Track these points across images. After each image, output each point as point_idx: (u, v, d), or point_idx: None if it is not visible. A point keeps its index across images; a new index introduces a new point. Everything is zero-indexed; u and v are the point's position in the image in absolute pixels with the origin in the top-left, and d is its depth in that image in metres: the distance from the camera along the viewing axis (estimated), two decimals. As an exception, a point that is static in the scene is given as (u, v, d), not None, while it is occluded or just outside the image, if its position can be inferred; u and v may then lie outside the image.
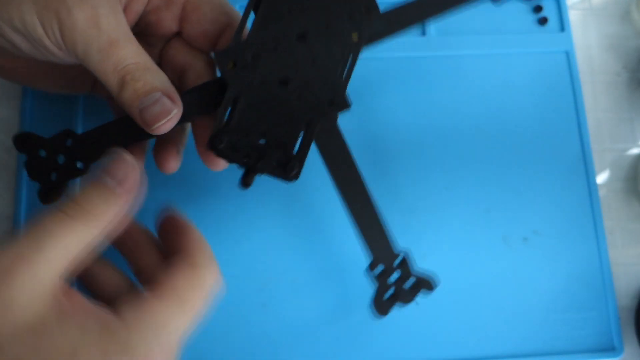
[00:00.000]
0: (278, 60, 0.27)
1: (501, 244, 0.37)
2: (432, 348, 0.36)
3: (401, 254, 0.31)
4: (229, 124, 0.27)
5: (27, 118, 0.37)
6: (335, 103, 0.28)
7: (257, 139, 0.27)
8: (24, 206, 0.36)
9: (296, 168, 0.27)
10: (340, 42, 0.28)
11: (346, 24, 0.28)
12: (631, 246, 0.39)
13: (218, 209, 0.37)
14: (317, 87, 0.28)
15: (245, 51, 0.27)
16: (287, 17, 0.27)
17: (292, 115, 0.27)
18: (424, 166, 0.38)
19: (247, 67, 0.27)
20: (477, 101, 0.40)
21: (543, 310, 0.36)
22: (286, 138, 0.27)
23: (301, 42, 0.27)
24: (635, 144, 0.40)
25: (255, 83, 0.27)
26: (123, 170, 0.25)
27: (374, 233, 0.31)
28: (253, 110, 0.27)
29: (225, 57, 0.27)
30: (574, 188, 0.39)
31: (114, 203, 0.24)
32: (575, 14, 0.42)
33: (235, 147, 0.27)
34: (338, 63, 0.28)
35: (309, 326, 0.35)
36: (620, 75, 0.42)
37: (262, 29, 0.27)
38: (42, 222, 0.23)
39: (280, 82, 0.27)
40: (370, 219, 0.31)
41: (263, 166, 0.27)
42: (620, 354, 0.36)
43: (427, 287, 0.31)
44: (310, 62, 0.27)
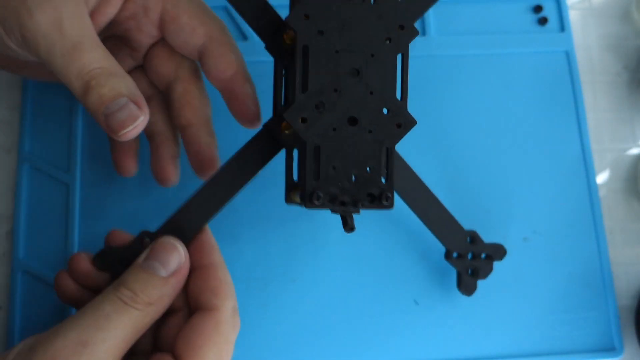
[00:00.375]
0: (340, 103, 0.28)
1: (501, 244, 0.37)
2: (432, 348, 0.36)
3: (470, 233, 0.35)
4: (318, 177, 0.28)
5: (27, 118, 0.37)
6: (402, 125, 0.29)
7: (346, 182, 0.28)
8: (24, 206, 0.36)
9: (390, 198, 0.28)
10: (388, 66, 0.29)
11: (388, 47, 0.29)
12: (631, 246, 0.39)
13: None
14: (382, 115, 0.29)
15: (310, 104, 0.28)
16: (335, 58, 0.28)
17: (370, 149, 0.28)
18: (423, 166, 0.38)
19: (316, 118, 0.28)
20: (477, 101, 0.40)
21: (543, 310, 0.36)
22: (371, 172, 0.28)
23: (355, 78, 0.28)
24: (636, 144, 0.40)
25: (328, 130, 0.28)
26: (177, 260, 0.27)
27: (441, 226, 0.34)
28: (335, 156, 0.28)
29: (295, 116, 0.28)
30: (574, 188, 0.39)
31: (166, 293, 0.26)
32: (575, 14, 0.42)
33: (332, 198, 0.28)
34: (392, 86, 0.29)
35: (309, 326, 0.35)
36: (621, 75, 0.42)
37: (317, 76, 0.28)
38: (101, 308, 0.25)
39: (350, 122, 0.28)
40: (435, 214, 0.34)
41: (361, 207, 0.28)
42: (620, 354, 0.36)
43: (499, 255, 0.35)
44: (369, 94, 0.28)
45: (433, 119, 0.39)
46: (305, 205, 0.28)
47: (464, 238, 0.34)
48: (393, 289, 0.36)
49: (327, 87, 0.28)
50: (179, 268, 0.27)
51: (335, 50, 0.28)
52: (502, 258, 0.35)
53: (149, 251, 0.27)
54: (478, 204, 0.38)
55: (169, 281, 0.26)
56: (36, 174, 0.37)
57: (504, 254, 0.35)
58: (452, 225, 0.34)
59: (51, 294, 0.35)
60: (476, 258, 0.35)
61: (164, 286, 0.26)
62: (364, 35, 0.28)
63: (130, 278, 0.26)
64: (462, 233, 0.34)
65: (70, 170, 0.37)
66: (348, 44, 0.28)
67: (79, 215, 0.36)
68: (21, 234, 0.36)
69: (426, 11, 0.33)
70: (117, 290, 0.26)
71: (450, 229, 0.34)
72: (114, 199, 0.36)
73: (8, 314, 0.35)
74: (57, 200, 0.36)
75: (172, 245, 0.27)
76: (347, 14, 0.28)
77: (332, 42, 0.28)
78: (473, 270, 0.35)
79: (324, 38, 0.28)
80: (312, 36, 0.28)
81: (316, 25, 0.28)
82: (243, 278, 0.36)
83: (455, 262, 0.34)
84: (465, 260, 0.34)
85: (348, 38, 0.28)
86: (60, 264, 0.35)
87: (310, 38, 0.28)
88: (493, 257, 0.35)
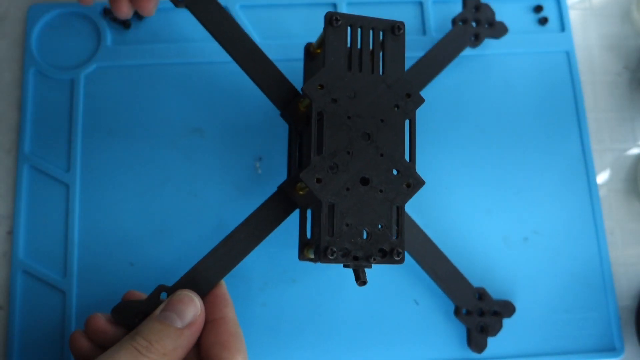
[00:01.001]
0: (353, 164, 0.30)
1: (501, 244, 0.37)
2: (432, 348, 0.36)
3: (478, 290, 0.35)
4: (332, 234, 0.29)
5: (27, 118, 0.37)
6: (411, 184, 0.31)
7: (359, 238, 0.29)
8: (24, 206, 0.36)
9: (401, 253, 0.29)
10: (397, 130, 0.31)
11: (396, 114, 0.31)
12: (632, 246, 0.38)
13: (218, 208, 0.37)
14: (392, 176, 0.30)
15: (325, 165, 0.30)
16: (348, 123, 0.30)
17: (381, 207, 0.30)
18: (423, 166, 0.38)
19: (330, 179, 0.30)
20: (477, 101, 0.40)
21: (543, 311, 0.36)
22: (383, 228, 0.30)
23: (366, 141, 0.30)
24: (636, 143, 0.40)
25: (342, 190, 0.30)
26: (192, 312, 0.28)
27: (450, 283, 0.34)
28: (348, 214, 0.29)
29: (310, 177, 0.29)
30: (574, 188, 0.39)
31: (181, 344, 0.27)
32: (575, 14, 0.42)
33: (345, 253, 0.29)
34: (401, 149, 0.31)
35: (309, 326, 0.35)
36: (621, 75, 0.42)
37: (331, 140, 0.30)
38: (116, 357, 0.26)
39: (362, 182, 0.30)
40: (444, 272, 0.34)
41: (373, 261, 0.29)
42: (620, 354, 0.36)
43: (508, 312, 0.35)
44: (379, 156, 0.30)
45: (433, 119, 0.39)
46: (320, 260, 0.29)
47: (473, 295, 0.35)
48: (393, 289, 0.36)
49: (340, 149, 0.30)
50: (194, 320, 0.28)
51: (348, 116, 0.30)
52: (511, 315, 0.35)
53: (166, 303, 0.28)
54: (478, 204, 0.38)
55: (184, 333, 0.27)
56: (36, 174, 0.37)
57: (513, 310, 0.35)
58: (461, 282, 0.35)
59: (51, 294, 0.35)
60: (485, 314, 0.35)
61: (178, 338, 0.27)
62: (374, 103, 0.31)
63: (147, 328, 0.27)
64: (470, 290, 0.35)
65: (70, 170, 0.37)
66: (359, 110, 0.30)
67: (79, 216, 0.36)
68: (21, 234, 0.36)
69: (430, 81, 0.36)
70: (133, 339, 0.26)
71: (459, 285, 0.35)
72: (114, 199, 0.36)
73: (8, 314, 0.35)
74: (57, 201, 0.36)
75: (189, 298, 0.28)
76: (358, 83, 0.31)
77: (345, 109, 0.30)
78: (482, 327, 0.35)
79: (337, 105, 0.30)
80: (326, 104, 0.30)
81: (330, 93, 0.30)
82: (243, 278, 0.36)
83: (465, 319, 0.35)
84: (474, 316, 0.35)
85: (359, 105, 0.30)
86: (60, 263, 0.35)
87: (325, 105, 0.30)
88: (502, 313, 0.35)
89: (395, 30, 0.32)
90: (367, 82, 0.31)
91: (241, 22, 0.40)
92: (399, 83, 0.31)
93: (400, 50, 0.32)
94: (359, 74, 0.31)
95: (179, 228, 0.36)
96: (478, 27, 0.38)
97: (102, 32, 0.39)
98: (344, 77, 0.31)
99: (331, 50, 0.31)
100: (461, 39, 0.38)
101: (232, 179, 0.37)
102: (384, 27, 0.32)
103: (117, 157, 0.37)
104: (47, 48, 0.39)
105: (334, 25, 0.31)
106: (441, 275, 0.35)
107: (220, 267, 0.31)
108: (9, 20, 0.40)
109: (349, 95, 0.30)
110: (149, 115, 0.38)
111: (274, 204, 0.32)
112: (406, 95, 0.31)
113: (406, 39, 0.40)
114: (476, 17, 0.39)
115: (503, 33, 0.39)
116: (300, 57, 0.39)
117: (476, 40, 0.38)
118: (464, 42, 0.38)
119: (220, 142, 0.38)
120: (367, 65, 0.31)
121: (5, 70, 0.39)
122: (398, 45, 0.32)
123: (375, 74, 0.31)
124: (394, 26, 0.32)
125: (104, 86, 0.38)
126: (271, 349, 0.35)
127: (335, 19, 0.31)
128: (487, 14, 0.39)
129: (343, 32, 0.31)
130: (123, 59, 0.39)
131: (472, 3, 0.39)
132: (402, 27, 0.32)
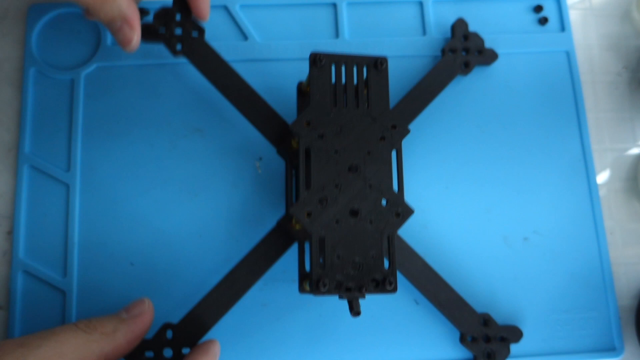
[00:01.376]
0: (342, 196, 0.31)
1: (502, 243, 0.37)
2: (432, 348, 0.36)
3: (483, 316, 0.35)
4: (324, 266, 0.30)
5: (27, 118, 0.37)
6: (400, 214, 0.31)
7: (351, 269, 0.30)
8: (24, 206, 0.36)
9: (393, 282, 0.30)
10: (384, 161, 0.32)
11: (382, 145, 0.32)
12: (632, 246, 0.39)
13: (218, 208, 0.37)
14: (381, 206, 0.31)
15: (314, 199, 0.31)
16: (335, 157, 0.31)
17: (371, 237, 0.31)
18: (424, 165, 0.38)
19: (320, 213, 0.31)
20: (477, 101, 0.40)
21: (543, 310, 0.36)
22: (374, 258, 0.30)
23: (354, 173, 0.31)
24: (636, 143, 0.40)
25: (332, 222, 0.31)
26: (139, 308, 0.30)
27: (453, 310, 0.35)
28: (339, 246, 0.30)
29: (300, 211, 0.30)
30: (575, 188, 0.39)
31: (121, 328, 0.29)
32: (575, 14, 0.42)
33: (337, 285, 0.30)
34: (389, 179, 0.32)
35: (309, 326, 0.35)
36: (621, 75, 0.42)
37: (318, 174, 0.31)
38: (58, 330, 0.27)
39: (351, 214, 0.31)
40: (446, 298, 0.35)
41: (365, 292, 0.30)
42: (620, 354, 0.36)
43: (515, 337, 0.35)
44: (368, 188, 0.31)
45: (433, 119, 0.39)
46: (313, 292, 0.29)
47: (477, 321, 0.35)
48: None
49: (328, 183, 0.31)
50: (139, 313, 0.30)
51: (335, 150, 0.31)
52: (518, 340, 0.35)
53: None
54: (478, 204, 0.38)
55: (126, 320, 0.29)
56: (36, 174, 0.37)
57: (520, 335, 0.35)
58: (464, 308, 0.35)
59: (51, 294, 0.35)
60: (491, 341, 0.35)
61: (120, 323, 0.29)
62: (360, 136, 0.32)
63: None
64: (475, 316, 0.35)
65: (70, 170, 0.37)
66: (346, 144, 0.32)
67: (79, 215, 0.36)
68: (21, 234, 0.36)
69: (421, 112, 0.37)
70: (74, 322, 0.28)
71: (463, 312, 0.35)
72: (114, 199, 0.36)
73: (8, 314, 0.35)
74: (57, 200, 0.36)
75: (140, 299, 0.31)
76: (343, 118, 0.32)
77: (331, 144, 0.32)
78: (489, 354, 0.35)
79: (323, 141, 0.31)
80: (313, 140, 0.31)
81: (316, 130, 0.32)
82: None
83: (470, 346, 0.35)
84: (480, 343, 0.35)
85: (346, 139, 0.32)
86: (60, 263, 0.35)
87: (311, 142, 0.31)
88: (509, 339, 0.35)
89: (378, 65, 0.33)
90: (352, 117, 0.32)
91: (241, 22, 0.40)
92: (383, 115, 0.32)
93: (384, 83, 0.33)
94: (344, 110, 0.32)
95: (179, 228, 0.36)
96: (468, 55, 0.39)
97: (102, 32, 0.39)
98: (330, 113, 0.32)
99: (316, 88, 0.32)
100: (451, 68, 0.38)
101: (232, 179, 0.37)
102: (367, 63, 0.33)
103: (117, 157, 0.37)
104: (47, 48, 0.39)
105: (318, 66, 0.32)
106: (444, 303, 0.35)
107: (223, 302, 0.32)
108: (9, 20, 0.40)
109: (335, 131, 0.32)
110: (149, 115, 0.38)
111: (272, 240, 0.34)
112: (391, 127, 0.32)
113: (406, 39, 0.40)
114: (465, 46, 0.39)
115: (493, 59, 0.39)
116: (301, 57, 0.39)
117: (466, 68, 0.39)
118: (454, 71, 0.38)
119: (220, 142, 0.38)
120: (351, 101, 0.32)
121: (5, 70, 0.39)
122: (381, 79, 0.33)
123: (361, 108, 0.32)
124: (377, 61, 0.33)
125: (104, 86, 0.38)
126: (271, 349, 0.35)
127: (319, 59, 0.32)
128: (476, 42, 0.39)
129: (327, 71, 0.32)
130: (123, 59, 0.39)
131: (461, 32, 0.39)
132: (385, 62, 0.33)
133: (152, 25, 0.35)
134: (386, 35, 0.40)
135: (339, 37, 0.40)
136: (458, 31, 0.39)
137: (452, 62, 0.38)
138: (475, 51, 0.39)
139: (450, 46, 0.39)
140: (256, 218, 0.37)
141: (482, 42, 0.39)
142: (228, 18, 0.40)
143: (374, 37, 0.40)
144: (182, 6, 0.35)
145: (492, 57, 0.39)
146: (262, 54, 0.39)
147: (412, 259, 0.35)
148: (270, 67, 0.39)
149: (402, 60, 0.40)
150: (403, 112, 0.37)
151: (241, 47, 0.39)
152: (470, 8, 0.41)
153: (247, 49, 0.39)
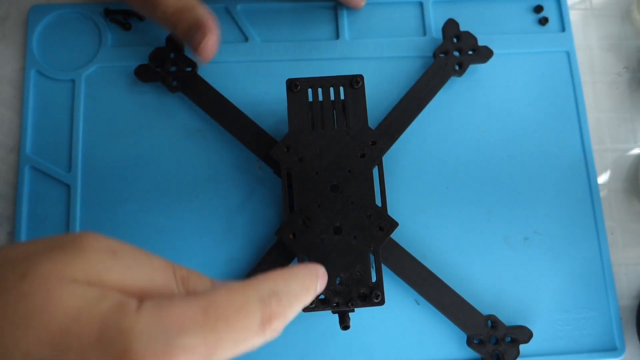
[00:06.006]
0: (324, 215, 0.32)
1: (502, 243, 0.37)
2: (432, 348, 0.36)
3: (489, 317, 0.35)
4: None
5: (28, 119, 0.38)
6: (384, 228, 0.32)
7: (337, 285, 0.31)
8: (25, 207, 0.36)
9: (380, 295, 0.31)
10: (365, 178, 0.32)
11: (363, 162, 0.33)
12: (632, 246, 0.38)
13: (218, 208, 0.37)
14: (365, 222, 0.32)
15: (297, 220, 0.32)
16: (316, 178, 0.32)
17: (356, 252, 0.32)
18: (424, 166, 0.38)
19: (304, 232, 0.32)
20: (477, 101, 0.40)
21: (544, 311, 0.36)
22: (360, 273, 0.31)
23: (335, 192, 0.32)
24: (636, 144, 0.40)
25: (316, 241, 0.32)
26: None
27: (458, 313, 0.35)
28: (324, 263, 0.30)
29: (285, 233, 0.32)
30: (575, 188, 0.39)
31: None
32: (575, 14, 0.42)
33: (324, 301, 0.31)
34: (371, 195, 0.32)
35: (310, 326, 0.35)
36: (621, 76, 0.42)
37: (300, 196, 0.32)
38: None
39: (335, 231, 0.32)
40: (449, 302, 0.35)
41: (352, 306, 0.31)
42: (621, 354, 0.36)
43: (525, 337, 0.35)
44: (350, 205, 0.32)
45: (433, 119, 0.39)
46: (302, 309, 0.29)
47: (483, 323, 0.35)
48: (394, 288, 0.36)
49: (311, 204, 0.32)
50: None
51: (315, 172, 0.32)
52: (528, 340, 0.35)
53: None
54: (479, 204, 0.38)
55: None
56: (37, 175, 0.37)
57: (530, 336, 0.35)
58: (469, 311, 0.35)
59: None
60: (500, 342, 0.35)
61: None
62: (340, 155, 0.33)
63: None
64: (480, 318, 0.35)
65: (71, 170, 0.37)
66: (326, 164, 0.33)
67: (80, 216, 0.36)
68: (22, 234, 0.36)
69: (415, 118, 0.37)
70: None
71: (467, 314, 0.35)
72: (115, 199, 0.36)
73: (9, 314, 0.35)
74: (58, 201, 0.36)
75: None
76: (322, 140, 0.33)
77: (311, 166, 0.33)
78: (498, 356, 0.34)
79: (303, 164, 0.33)
80: (293, 163, 0.33)
81: (296, 154, 0.33)
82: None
83: (478, 349, 0.34)
84: (487, 345, 0.34)
85: (325, 160, 0.33)
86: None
87: (292, 165, 0.33)
88: (519, 339, 0.35)
89: (354, 83, 0.33)
90: (331, 137, 0.33)
91: (241, 23, 0.40)
92: (362, 133, 0.33)
93: (361, 101, 0.33)
94: (322, 131, 0.33)
95: (179, 228, 0.36)
96: (461, 55, 0.39)
97: (103, 33, 0.39)
98: (309, 136, 0.33)
99: (293, 113, 0.33)
100: (444, 71, 0.38)
101: (233, 179, 0.37)
102: (343, 83, 0.34)
103: (118, 158, 0.37)
104: (48, 49, 0.39)
105: (294, 91, 0.33)
106: (448, 307, 0.35)
107: None
108: (10, 21, 0.40)
109: (314, 153, 0.33)
110: (149, 116, 0.38)
111: (274, 254, 0.34)
112: (371, 143, 0.33)
113: (406, 40, 0.40)
114: (457, 47, 0.39)
115: (488, 57, 0.39)
116: (301, 58, 0.39)
117: (461, 69, 0.38)
118: (447, 74, 0.38)
119: (220, 142, 0.38)
120: (329, 122, 0.33)
121: (6, 70, 0.39)
122: (358, 97, 0.34)
123: (340, 128, 0.33)
124: (352, 80, 0.34)
125: (105, 87, 0.38)
126: (271, 349, 0.35)
127: (295, 85, 0.33)
128: (469, 41, 0.39)
129: (303, 96, 0.33)
130: (124, 59, 0.39)
131: (452, 33, 0.39)
132: (361, 80, 0.34)
133: (149, 66, 0.37)
134: (386, 36, 0.40)
135: (340, 38, 0.40)
136: (449, 32, 0.39)
137: (444, 65, 0.38)
138: (468, 50, 0.39)
139: (441, 49, 0.39)
140: (256, 218, 0.37)
141: (476, 40, 0.39)
142: (229, 19, 0.40)
143: (374, 38, 0.40)
144: (174, 45, 0.37)
145: (486, 54, 0.39)
146: (263, 55, 0.40)
147: (413, 265, 0.35)
148: (270, 68, 0.39)
149: (402, 60, 0.40)
150: (394, 122, 0.37)
151: (242, 48, 0.40)
152: (470, 8, 0.41)
153: (247, 50, 0.39)
